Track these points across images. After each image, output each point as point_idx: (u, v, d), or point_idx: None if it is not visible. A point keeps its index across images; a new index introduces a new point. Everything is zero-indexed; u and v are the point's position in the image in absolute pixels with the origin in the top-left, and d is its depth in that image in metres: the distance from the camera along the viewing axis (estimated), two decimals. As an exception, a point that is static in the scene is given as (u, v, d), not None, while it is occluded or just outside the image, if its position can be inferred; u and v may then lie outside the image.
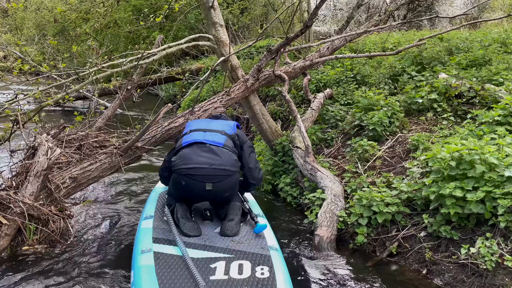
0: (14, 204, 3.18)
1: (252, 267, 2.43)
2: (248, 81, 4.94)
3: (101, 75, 4.31)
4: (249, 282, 2.28)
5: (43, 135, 3.57)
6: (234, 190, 3.10)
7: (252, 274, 2.37)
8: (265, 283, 2.28)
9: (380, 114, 4.48)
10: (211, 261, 2.48)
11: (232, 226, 2.84)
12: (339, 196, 3.79)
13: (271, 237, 2.88)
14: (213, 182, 2.89)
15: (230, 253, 2.58)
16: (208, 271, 2.37)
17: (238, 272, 2.38)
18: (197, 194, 2.97)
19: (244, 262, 2.48)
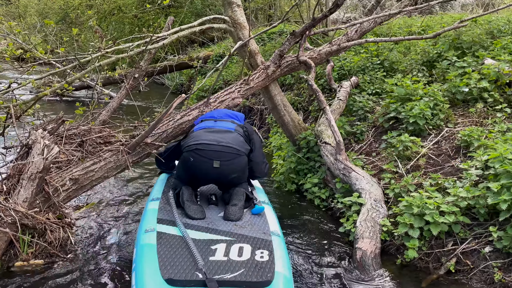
0: (5, 213, 2.70)
1: (252, 250, 2.46)
2: (269, 68, 4.41)
3: (105, 61, 3.78)
4: (247, 264, 2.31)
5: (39, 131, 3.07)
6: (241, 173, 3.08)
7: (252, 257, 2.39)
8: (263, 266, 2.30)
9: (421, 105, 3.93)
10: (212, 243, 2.51)
11: (236, 211, 2.84)
12: (380, 201, 3.27)
13: (274, 222, 2.87)
14: (221, 160, 2.94)
15: (232, 236, 2.62)
16: (208, 252, 2.41)
17: (238, 254, 2.41)
18: (204, 173, 2.98)
19: (244, 245, 2.51)
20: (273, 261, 2.35)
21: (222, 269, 2.25)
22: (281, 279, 2.23)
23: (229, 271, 2.23)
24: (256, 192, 3.37)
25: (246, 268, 2.26)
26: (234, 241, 2.55)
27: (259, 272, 2.24)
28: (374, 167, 3.89)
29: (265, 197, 3.36)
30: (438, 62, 5.17)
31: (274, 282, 2.19)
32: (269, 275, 2.22)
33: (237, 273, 2.22)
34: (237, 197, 2.95)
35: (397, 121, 4.29)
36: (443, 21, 7.27)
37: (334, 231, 3.49)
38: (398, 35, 7.08)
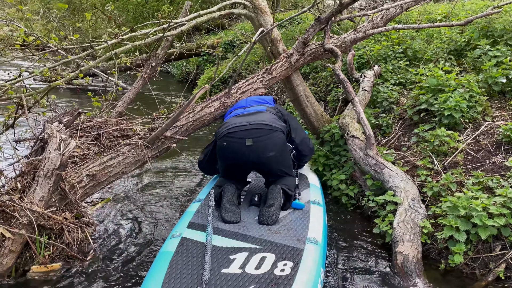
0: (20, 213, 2.50)
1: (274, 262, 2.22)
2: (292, 56, 4.17)
3: (120, 49, 3.55)
4: (260, 279, 2.06)
5: (54, 124, 2.86)
6: (280, 152, 2.91)
7: (271, 270, 2.15)
8: (278, 282, 2.03)
9: (456, 97, 3.69)
10: (234, 252, 2.33)
11: (270, 213, 2.65)
12: (418, 201, 3.06)
13: (317, 227, 2.61)
14: (253, 137, 2.81)
15: (259, 244, 2.40)
16: (224, 262, 2.23)
17: (255, 266, 2.18)
18: (239, 155, 2.85)
19: (268, 255, 2.28)
20: (293, 276, 2.09)
21: (229, 284, 2.03)
22: None
23: (238, 286, 2.02)
24: (309, 190, 3.20)
25: (257, 284, 2.03)
26: (259, 249, 2.34)
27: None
28: (406, 163, 3.67)
29: (319, 196, 3.14)
30: (467, 51, 4.91)
31: None
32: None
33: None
34: (273, 195, 2.77)
35: (427, 114, 4.05)
36: (467, 7, 6.96)
37: (366, 232, 3.29)
38: (418, 22, 6.80)
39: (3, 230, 2.47)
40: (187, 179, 4.53)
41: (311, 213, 2.80)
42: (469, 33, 4.98)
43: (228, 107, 3.73)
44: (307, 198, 3.06)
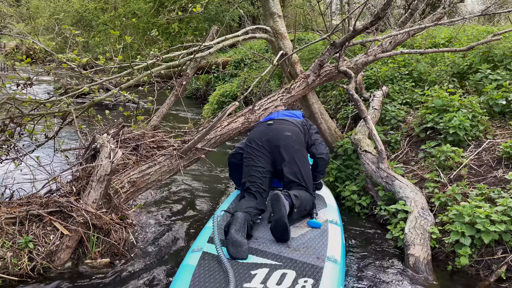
0: (77, 213, 2.83)
1: (295, 278, 2.25)
2: (309, 77, 4.55)
3: (155, 69, 3.95)
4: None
5: (104, 135, 3.21)
6: (297, 136, 3.23)
7: (292, 286, 2.18)
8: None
9: (460, 116, 4.05)
10: (255, 267, 2.36)
11: (278, 229, 2.62)
12: (426, 210, 3.39)
13: (335, 246, 2.66)
14: (274, 119, 3.37)
15: (279, 260, 2.44)
16: (246, 277, 2.25)
17: (277, 282, 2.21)
18: (260, 137, 3.19)
19: (288, 272, 2.31)
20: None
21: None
22: None
23: None
24: (326, 210, 3.25)
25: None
26: (279, 266, 2.38)
27: None
28: (414, 176, 4.01)
29: (336, 216, 3.19)
30: (469, 74, 5.29)
31: None
32: None
33: None
34: (277, 207, 2.68)
35: (433, 131, 4.40)
36: (468, 33, 7.38)
37: (379, 238, 3.60)
38: (422, 46, 7.21)
39: (62, 228, 2.80)
40: (211, 189, 4.86)
41: (329, 232, 2.86)
42: (471, 58, 5.38)
43: (252, 123, 4.09)
44: (324, 217, 3.12)
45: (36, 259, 2.67)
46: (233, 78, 11.62)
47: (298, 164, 3.14)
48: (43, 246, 2.73)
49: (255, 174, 3.10)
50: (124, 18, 16.29)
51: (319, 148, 3.44)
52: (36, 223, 2.83)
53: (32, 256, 2.68)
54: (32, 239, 2.72)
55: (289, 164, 3.13)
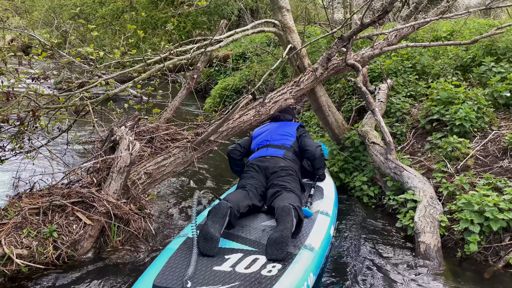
0: (99, 203, 2.91)
1: (264, 264, 2.36)
2: (317, 70, 4.62)
3: (167, 62, 4.01)
4: (246, 278, 2.21)
5: (122, 128, 3.28)
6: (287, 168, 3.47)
7: (259, 270, 2.28)
8: (262, 281, 2.18)
9: (466, 108, 4.15)
10: (230, 252, 2.50)
11: (277, 245, 2.47)
12: (435, 199, 3.49)
13: (318, 235, 2.77)
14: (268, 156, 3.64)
15: (256, 247, 2.56)
16: (218, 261, 2.39)
17: (246, 266, 2.33)
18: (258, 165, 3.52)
19: (261, 257, 2.43)
20: (278, 277, 2.21)
21: (215, 280, 2.18)
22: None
23: (220, 283, 2.16)
24: (321, 201, 3.40)
25: (242, 281, 2.17)
26: (254, 252, 2.49)
27: (251, 287, 2.13)
28: (421, 166, 4.11)
29: (329, 208, 3.30)
30: (473, 67, 5.38)
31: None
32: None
33: (226, 286, 2.13)
34: (283, 219, 2.60)
35: (439, 123, 4.50)
36: (470, 26, 7.46)
37: (389, 226, 3.70)
38: (424, 39, 7.29)
39: (85, 218, 2.88)
40: (223, 179, 4.94)
41: (316, 222, 2.97)
42: (474, 51, 5.46)
43: (263, 115, 4.16)
44: (316, 208, 3.26)
45: (60, 247, 2.75)
46: (235, 72, 11.67)
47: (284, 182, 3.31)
48: (67, 235, 2.81)
49: (254, 179, 3.38)
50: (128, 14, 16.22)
51: (309, 150, 3.73)
52: (59, 213, 2.90)
53: (56, 245, 2.76)
54: (56, 229, 2.79)
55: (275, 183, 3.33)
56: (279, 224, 2.58)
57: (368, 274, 2.96)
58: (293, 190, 3.20)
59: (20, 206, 2.89)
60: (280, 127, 4.06)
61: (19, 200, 3.01)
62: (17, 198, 3.09)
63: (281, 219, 2.59)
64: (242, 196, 3.08)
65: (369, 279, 2.90)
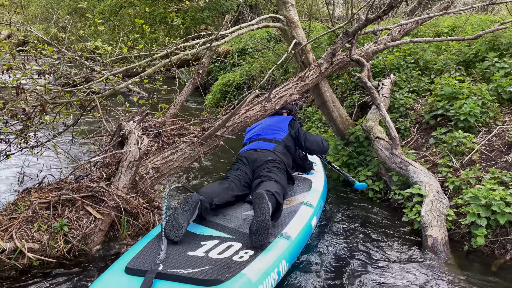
0: (109, 197, 2.92)
1: (238, 250, 2.41)
2: (322, 65, 4.63)
3: (174, 57, 4.01)
4: (217, 263, 2.26)
5: (130, 122, 3.28)
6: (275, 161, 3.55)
7: (230, 256, 2.34)
8: (231, 266, 2.23)
9: (471, 103, 4.17)
10: (206, 239, 2.57)
11: (257, 232, 2.49)
12: (441, 193, 3.52)
13: (296, 226, 2.85)
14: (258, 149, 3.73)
15: (233, 234, 2.65)
16: (193, 247, 2.45)
17: (220, 252, 2.39)
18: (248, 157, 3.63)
19: (235, 244, 2.49)
20: (248, 262, 2.26)
21: (186, 264, 2.24)
22: (240, 282, 2.12)
23: (191, 267, 2.20)
24: (307, 194, 3.49)
25: (212, 266, 2.22)
26: (230, 239, 2.56)
27: (220, 271, 2.16)
28: (426, 161, 4.13)
29: (314, 200, 3.39)
30: (476, 62, 5.41)
31: (227, 283, 2.08)
32: (227, 275, 2.13)
33: (196, 270, 2.17)
34: (258, 204, 2.64)
35: (443, 118, 4.52)
36: (472, 21, 7.48)
37: (394, 221, 3.73)
38: (426, 35, 7.32)
39: (95, 212, 2.89)
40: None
41: (298, 213, 3.06)
42: (477, 46, 5.48)
43: (268, 111, 4.17)
44: (300, 200, 3.33)
45: (71, 241, 2.76)
46: (235, 67, 11.65)
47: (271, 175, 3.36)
48: (77, 229, 2.81)
49: (239, 170, 3.49)
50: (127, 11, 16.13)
51: (310, 143, 3.94)
52: (68, 208, 2.91)
53: (67, 239, 2.77)
54: (67, 223, 2.80)
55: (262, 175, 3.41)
56: (255, 211, 2.63)
57: (376, 267, 2.98)
58: (277, 180, 3.26)
59: (30, 200, 2.90)
60: (273, 121, 4.16)
61: (28, 194, 3.01)
62: (26, 192, 3.09)
63: (256, 206, 2.65)
64: (221, 188, 3.14)
65: (376, 271, 2.92)
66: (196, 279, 2.10)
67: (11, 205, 2.94)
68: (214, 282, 2.07)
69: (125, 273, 2.21)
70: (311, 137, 4.01)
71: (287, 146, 3.86)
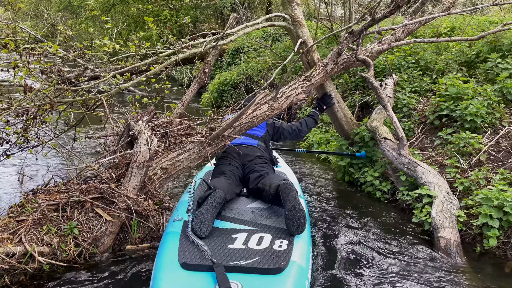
0: (119, 199, 2.85)
1: (272, 240, 2.57)
2: (328, 65, 4.60)
3: (181, 56, 3.94)
4: (264, 252, 2.41)
5: (139, 122, 3.22)
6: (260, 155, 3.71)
7: (270, 246, 2.50)
8: (279, 255, 2.39)
9: (477, 104, 4.18)
10: (235, 232, 2.67)
11: (298, 219, 2.67)
12: (451, 194, 3.51)
13: None
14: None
15: (255, 226, 2.77)
16: (228, 240, 2.57)
17: (257, 243, 2.53)
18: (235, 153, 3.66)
19: (265, 235, 2.63)
20: (290, 250, 2.44)
21: (237, 256, 2.37)
22: (295, 268, 2.31)
23: (244, 258, 2.34)
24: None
25: (262, 256, 2.37)
26: (256, 230, 2.70)
27: (273, 260, 2.32)
28: (433, 162, 4.13)
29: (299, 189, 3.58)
30: (477, 63, 5.43)
31: (286, 270, 2.26)
32: (282, 263, 2.30)
33: (251, 260, 2.32)
34: (290, 194, 2.79)
35: (448, 119, 4.52)
36: (469, 22, 7.51)
37: (403, 222, 3.71)
38: (425, 35, 7.33)
39: (105, 214, 2.82)
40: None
41: None
42: (479, 47, 5.51)
43: (275, 110, 4.13)
44: None
45: (82, 244, 2.69)
46: (231, 66, 11.58)
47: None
48: (87, 232, 2.74)
49: (232, 165, 3.52)
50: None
51: (285, 131, 4.20)
52: (77, 210, 2.84)
53: (77, 242, 2.70)
54: (77, 225, 2.73)
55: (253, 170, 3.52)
56: (287, 201, 2.74)
57: (386, 267, 2.96)
58: (273, 174, 3.44)
59: (37, 202, 2.82)
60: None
61: (34, 196, 2.93)
62: (32, 194, 3.01)
63: (287, 196, 2.78)
64: (228, 184, 3.19)
65: (387, 272, 2.90)
66: (261, 269, 2.25)
67: (18, 207, 2.86)
68: (277, 270, 2.25)
69: (184, 269, 2.27)
70: (287, 125, 4.29)
71: (265, 143, 4.01)
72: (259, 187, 3.20)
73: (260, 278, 2.22)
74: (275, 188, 2.94)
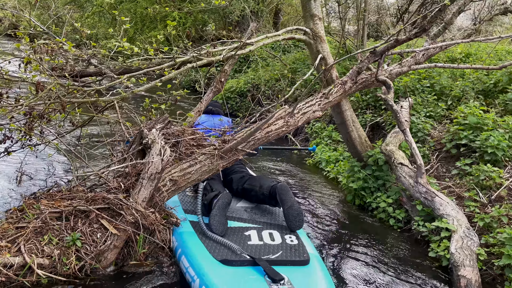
0: (127, 211, 2.67)
1: (281, 235, 2.80)
2: (346, 84, 4.46)
3: (199, 62, 3.79)
4: (282, 247, 2.63)
5: (153, 131, 3.04)
6: None
7: (283, 241, 2.72)
8: (297, 248, 2.63)
9: (498, 136, 4.05)
10: (244, 230, 2.85)
11: (297, 215, 3.03)
12: (471, 230, 3.36)
13: None
14: None
15: (257, 223, 2.99)
16: (244, 237, 2.74)
17: (270, 239, 2.74)
18: None
19: (273, 231, 2.87)
20: (303, 244, 2.70)
21: (263, 251, 2.56)
22: (315, 259, 2.58)
23: (270, 252, 2.54)
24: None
25: (283, 249, 2.59)
26: (262, 227, 2.93)
27: (296, 253, 2.55)
28: (450, 193, 3.99)
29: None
30: (494, 92, 5.33)
31: (311, 261, 2.51)
32: (305, 255, 2.55)
33: (278, 254, 2.54)
34: (287, 194, 3.10)
35: (466, 149, 4.39)
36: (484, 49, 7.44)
37: (418, 254, 3.55)
38: (439, 59, 7.23)
39: (111, 227, 2.63)
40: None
41: None
42: (498, 76, 5.40)
43: (291, 127, 3.98)
44: None
45: (84, 258, 2.50)
46: (238, 73, 11.44)
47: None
48: (91, 244, 2.56)
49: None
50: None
51: None
52: (81, 220, 2.65)
53: (79, 255, 2.51)
54: (80, 237, 2.54)
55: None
56: (285, 201, 3.05)
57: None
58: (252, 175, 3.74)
59: (39, 208, 2.63)
60: (217, 122, 4.23)
61: (36, 201, 2.74)
62: (34, 198, 2.82)
63: (284, 196, 3.08)
64: (223, 186, 3.48)
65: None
66: (290, 261, 2.47)
67: (18, 211, 2.67)
68: (304, 262, 2.50)
69: (225, 265, 2.41)
70: None
71: None
72: (245, 188, 3.47)
73: (294, 269, 2.42)
74: (268, 189, 3.24)
